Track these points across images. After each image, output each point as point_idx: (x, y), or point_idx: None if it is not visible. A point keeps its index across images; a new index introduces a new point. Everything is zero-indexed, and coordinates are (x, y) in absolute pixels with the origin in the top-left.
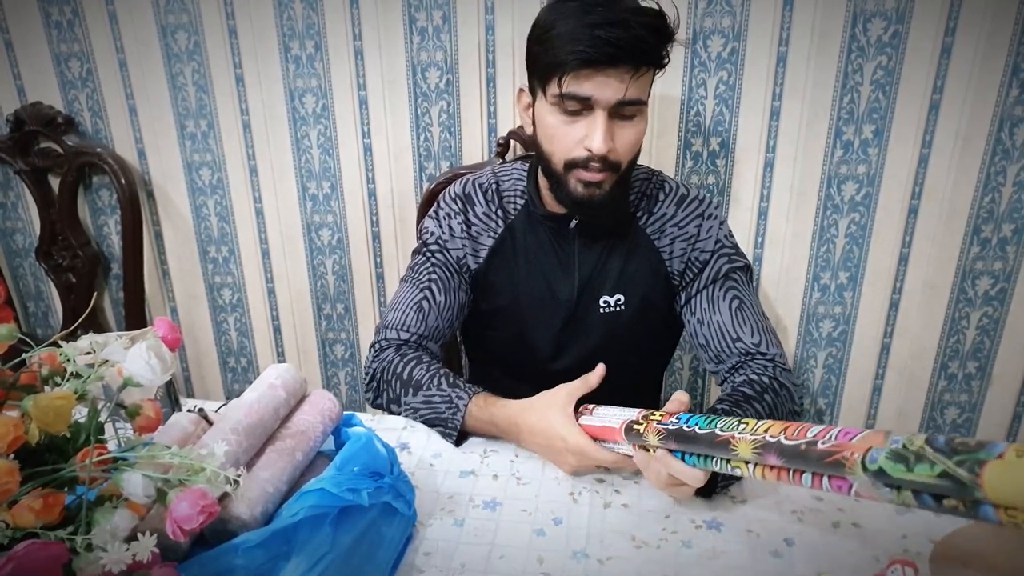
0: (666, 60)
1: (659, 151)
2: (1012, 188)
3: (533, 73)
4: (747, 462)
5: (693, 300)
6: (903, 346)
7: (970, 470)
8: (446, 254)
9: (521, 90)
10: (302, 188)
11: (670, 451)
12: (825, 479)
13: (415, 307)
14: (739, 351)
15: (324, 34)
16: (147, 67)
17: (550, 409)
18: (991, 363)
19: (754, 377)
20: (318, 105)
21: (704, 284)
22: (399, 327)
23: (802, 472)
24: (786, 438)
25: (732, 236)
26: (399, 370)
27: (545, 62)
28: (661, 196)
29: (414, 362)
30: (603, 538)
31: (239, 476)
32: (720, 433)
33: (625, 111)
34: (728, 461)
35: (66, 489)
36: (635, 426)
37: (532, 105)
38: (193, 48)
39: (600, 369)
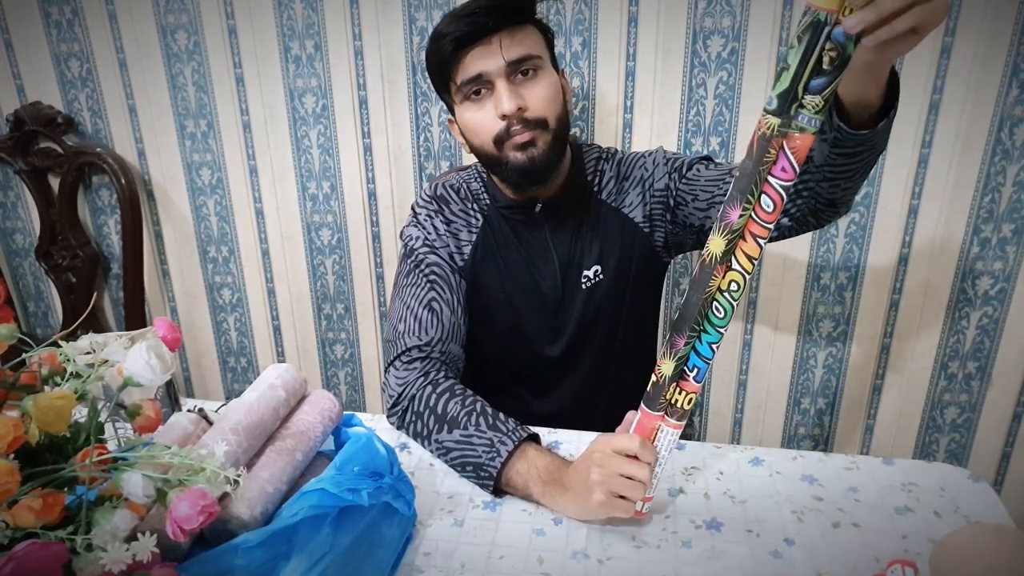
0: (538, 15)
1: None
2: (1012, 188)
3: (440, 91)
4: (727, 254)
5: (677, 195)
6: (903, 346)
7: (806, 11)
8: (436, 254)
9: (450, 120)
10: (302, 188)
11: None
12: (771, 180)
13: (426, 309)
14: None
15: (324, 34)
16: (147, 67)
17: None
18: (991, 363)
19: None
20: (318, 105)
21: (679, 181)
22: (416, 333)
23: (757, 200)
24: (726, 198)
25: (675, 152)
26: (431, 402)
27: (436, 71)
28: (607, 167)
29: (447, 394)
30: (603, 538)
31: (239, 476)
32: (695, 274)
33: (522, 69)
34: (720, 292)
35: (66, 489)
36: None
37: (455, 122)
38: (193, 48)
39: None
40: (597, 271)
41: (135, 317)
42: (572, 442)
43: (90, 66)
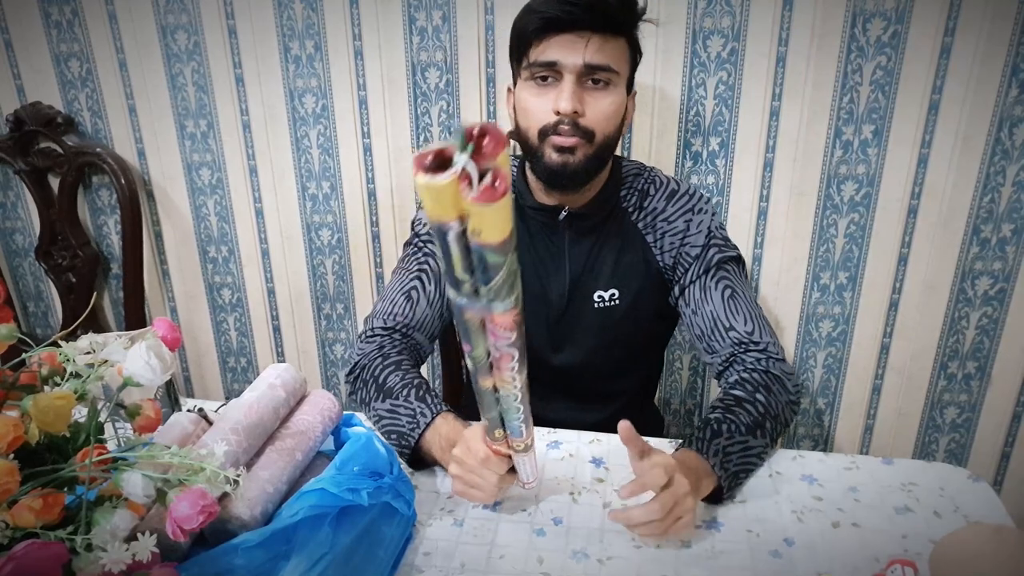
0: (636, 35)
1: (659, 151)
2: (1011, 188)
3: (512, 56)
4: (481, 372)
5: (687, 291)
6: (902, 346)
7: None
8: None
9: (508, 88)
10: (302, 188)
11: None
12: (491, 339)
13: (403, 296)
14: (732, 340)
15: (324, 34)
16: (147, 67)
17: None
18: (990, 363)
19: (745, 376)
20: (318, 105)
21: (696, 275)
22: (386, 315)
23: (486, 341)
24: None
25: (723, 228)
26: (377, 372)
27: (515, 36)
28: (652, 191)
29: (392, 367)
30: (603, 538)
31: (239, 476)
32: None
33: (595, 76)
34: (498, 391)
35: (66, 489)
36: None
37: (513, 93)
38: (193, 48)
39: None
40: (614, 295)
41: (135, 317)
42: (572, 442)
43: (90, 66)
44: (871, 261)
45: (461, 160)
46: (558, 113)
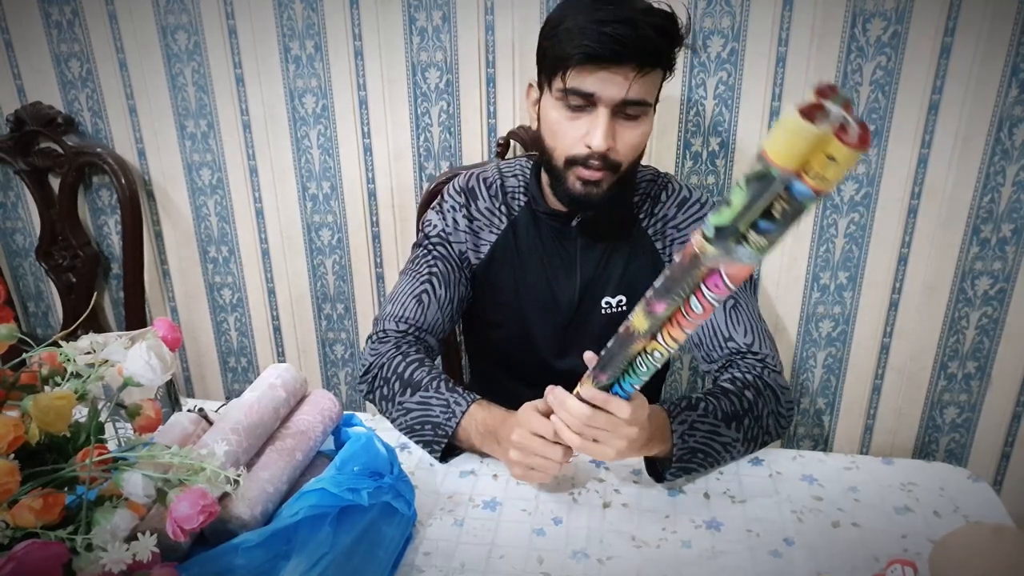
0: (673, 64)
1: (659, 151)
2: (1011, 188)
3: (541, 67)
4: (650, 332)
5: None
6: (902, 346)
7: (759, 157)
8: (448, 247)
9: (530, 85)
10: (302, 188)
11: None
12: (704, 289)
13: (414, 299)
14: (730, 350)
15: (324, 34)
16: (147, 67)
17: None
18: (990, 363)
19: (738, 374)
20: (318, 105)
21: None
22: (397, 318)
23: (687, 299)
24: (654, 286)
25: None
26: (399, 369)
27: (552, 56)
28: (663, 197)
29: (416, 363)
30: (603, 538)
31: (239, 476)
32: (620, 332)
33: (629, 111)
34: (645, 353)
35: (66, 489)
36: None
37: (539, 100)
38: (193, 48)
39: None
40: (622, 301)
41: (135, 317)
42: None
43: (90, 66)
44: (871, 261)
45: (838, 112)
46: (589, 147)
